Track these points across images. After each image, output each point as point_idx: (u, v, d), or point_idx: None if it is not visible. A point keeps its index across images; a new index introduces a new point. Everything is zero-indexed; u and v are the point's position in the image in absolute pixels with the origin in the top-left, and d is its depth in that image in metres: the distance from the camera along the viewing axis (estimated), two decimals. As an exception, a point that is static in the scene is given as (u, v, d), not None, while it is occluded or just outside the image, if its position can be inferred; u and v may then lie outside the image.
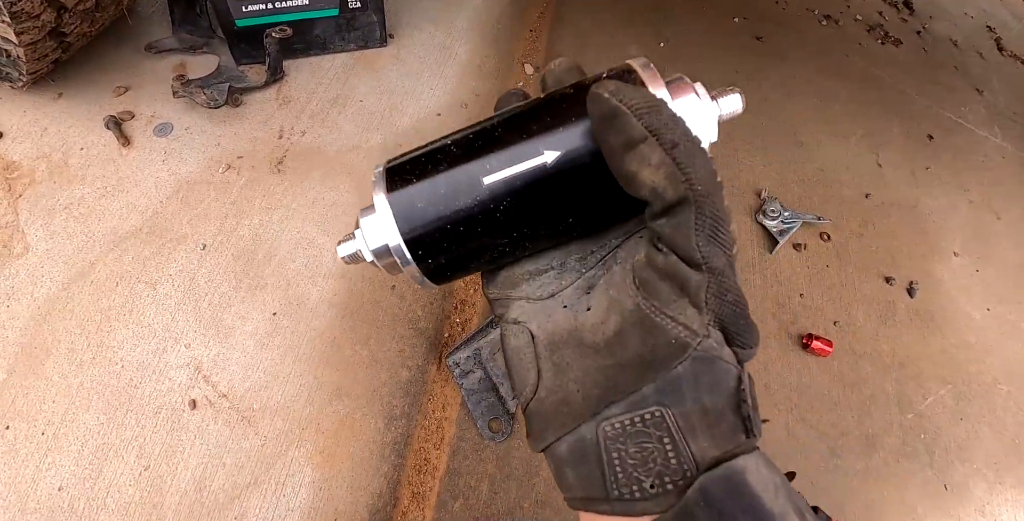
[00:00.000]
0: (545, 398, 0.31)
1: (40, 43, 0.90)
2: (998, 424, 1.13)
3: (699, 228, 0.26)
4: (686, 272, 0.27)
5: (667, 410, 0.27)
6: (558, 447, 0.30)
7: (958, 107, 1.67)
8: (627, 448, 0.27)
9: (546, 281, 0.34)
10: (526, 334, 0.33)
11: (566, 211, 0.31)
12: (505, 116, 0.33)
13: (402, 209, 0.32)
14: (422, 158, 0.33)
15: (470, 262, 0.34)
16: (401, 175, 0.33)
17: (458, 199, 0.31)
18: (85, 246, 0.89)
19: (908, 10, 1.93)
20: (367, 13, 1.17)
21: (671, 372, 0.27)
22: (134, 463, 0.74)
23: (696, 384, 0.27)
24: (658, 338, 0.27)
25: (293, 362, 0.85)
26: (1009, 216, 1.45)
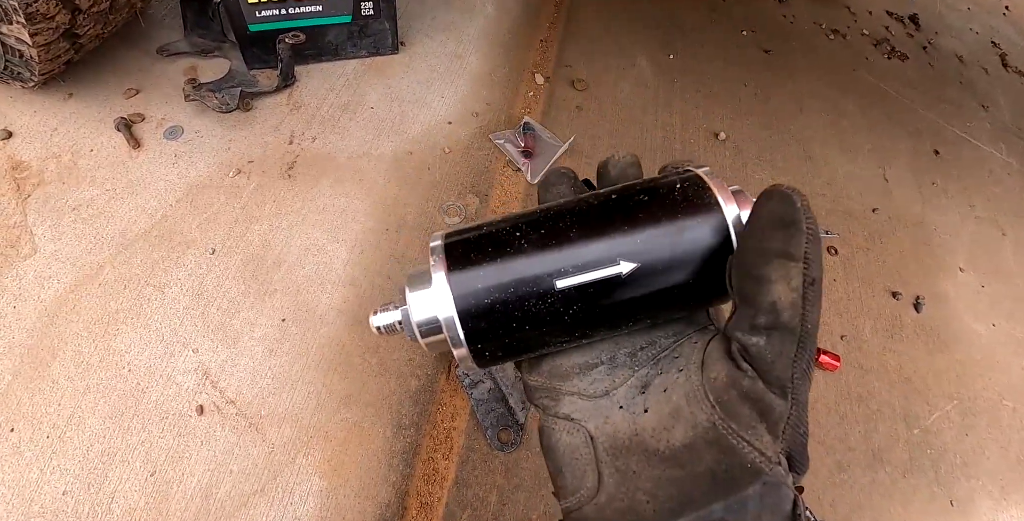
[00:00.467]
0: (607, 505, 0.30)
1: (53, 44, 0.90)
2: (1004, 440, 1.13)
3: (798, 362, 0.27)
4: (772, 400, 0.27)
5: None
6: None
7: (964, 122, 1.68)
8: None
9: (597, 376, 0.34)
10: (583, 433, 0.32)
11: (633, 315, 0.32)
12: (580, 212, 0.32)
13: (463, 291, 0.31)
14: (488, 243, 0.32)
15: (521, 353, 0.33)
16: (464, 254, 0.32)
17: (524, 293, 0.31)
18: (93, 248, 0.88)
19: (914, 25, 1.94)
20: (379, 21, 1.18)
21: (741, 493, 0.27)
22: (140, 468, 0.73)
23: (761, 505, 0.27)
24: (733, 459, 0.28)
25: (302, 369, 0.84)
26: (1015, 232, 1.46)
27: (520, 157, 1.12)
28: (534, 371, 0.35)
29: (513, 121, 1.21)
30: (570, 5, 1.54)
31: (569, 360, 0.34)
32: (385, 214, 1.02)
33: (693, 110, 1.37)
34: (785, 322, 0.27)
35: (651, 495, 0.29)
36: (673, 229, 0.30)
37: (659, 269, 0.30)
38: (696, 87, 1.43)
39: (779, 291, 0.27)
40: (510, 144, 1.14)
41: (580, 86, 1.31)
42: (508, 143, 1.14)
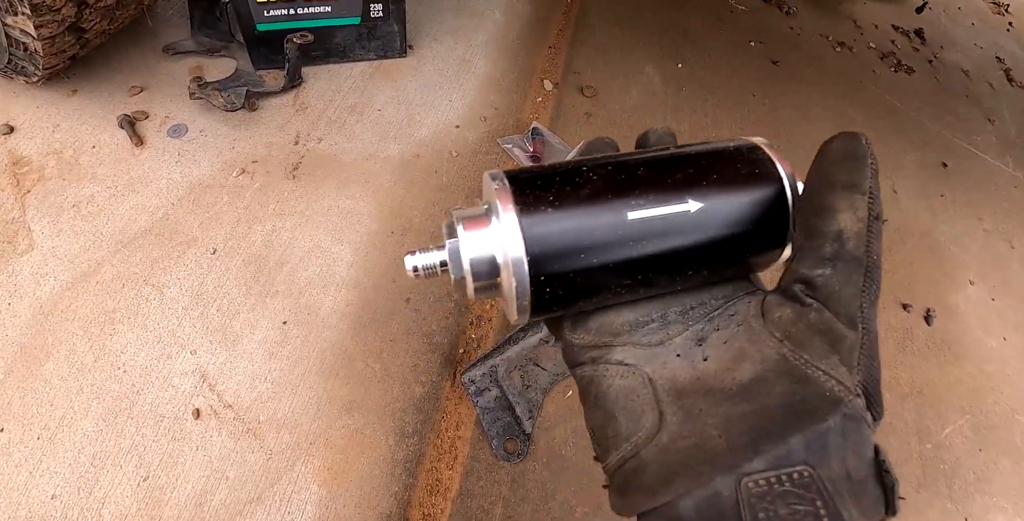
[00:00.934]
0: (670, 444, 0.27)
1: (58, 38, 0.89)
2: (1017, 455, 1.10)
3: (867, 291, 0.26)
4: (842, 330, 0.26)
5: (815, 471, 0.25)
6: (682, 503, 0.26)
7: (970, 136, 1.67)
8: (777, 509, 0.24)
9: (650, 331, 0.32)
10: (640, 376, 0.30)
11: (694, 260, 0.31)
12: (646, 158, 0.32)
13: (532, 225, 0.29)
14: (556, 177, 0.30)
15: (587, 296, 0.31)
16: (532, 189, 0.30)
17: (597, 227, 0.29)
18: (92, 246, 0.86)
19: (920, 39, 1.95)
20: (388, 23, 1.17)
21: (822, 425, 0.25)
22: (132, 473, 0.70)
23: (844, 444, 0.25)
24: (809, 389, 0.26)
25: (302, 373, 0.82)
26: (1022, 245, 1.44)
27: (528, 162, 1.11)
28: (579, 328, 0.33)
29: (521, 126, 1.19)
30: (579, 12, 1.54)
31: (620, 317, 0.33)
32: (390, 217, 1.00)
33: (701, 118, 1.37)
34: (851, 251, 0.26)
35: (722, 430, 0.26)
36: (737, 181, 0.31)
37: (722, 214, 0.30)
38: (704, 96, 1.43)
39: (846, 220, 0.27)
40: (518, 149, 1.13)
41: (589, 93, 1.31)
42: (516, 148, 1.13)
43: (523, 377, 0.86)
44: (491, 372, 0.85)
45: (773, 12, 1.80)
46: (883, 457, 0.26)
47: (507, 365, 0.86)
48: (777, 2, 1.82)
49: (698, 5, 1.70)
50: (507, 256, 0.29)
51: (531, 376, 0.86)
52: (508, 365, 0.86)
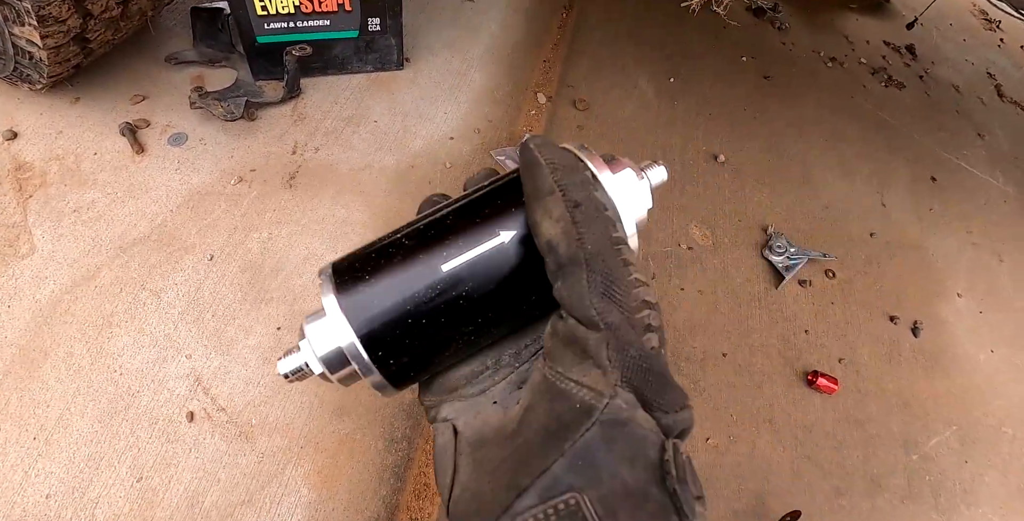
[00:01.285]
0: (459, 497, 0.27)
1: (63, 47, 0.92)
2: (1004, 467, 1.11)
3: (591, 286, 0.25)
4: (584, 333, 0.25)
5: (582, 496, 0.23)
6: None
7: (960, 150, 1.70)
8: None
9: (481, 381, 0.32)
10: (450, 431, 0.30)
11: (526, 288, 0.30)
12: (452, 206, 0.32)
13: (355, 308, 0.29)
14: (372, 254, 0.31)
15: (432, 356, 0.31)
16: (351, 274, 0.30)
17: (416, 289, 0.29)
18: (92, 250, 0.88)
19: (911, 55, 1.98)
20: (386, 36, 1.19)
21: (580, 441, 0.24)
22: (126, 474, 0.72)
23: (610, 454, 0.23)
24: (562, 404, 0.25)
25: (294, 378, 0.83)
26: (1012, 259, 1.46)
27: (521, 172, 1.13)
28: (427, 392, 0.33)
29: (514, 138, 1.22)
30: (574, 27, 1.57)
31: (458, 371, 0.33)
32: (384, 226, 1.02)
33: (693, 132, 1.39)
34: (565, 255, 0.26)
35: (492, 474, 0.26)
36: None
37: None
38: (697, 110, 1.45)
39: (547, 229, 0.26)
40: (511, 160, 1.15)
41: (581, 106, 1.33)
42: (509, 159, 1.15)
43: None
44: (480, 379, 0.87)
45: (766, 28, 1.83)
46: (668, 459, 0.23)
47: (496, 372, 0.88)
48: (770, 18, 1.85)
49: (692, 21, 1.73)
50: (341, 341, 0.29)
51: (519, 383, 0.88)
52: (497, 372, 0.88)
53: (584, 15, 1.62)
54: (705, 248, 1.18)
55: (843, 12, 2.08)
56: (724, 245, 1.20)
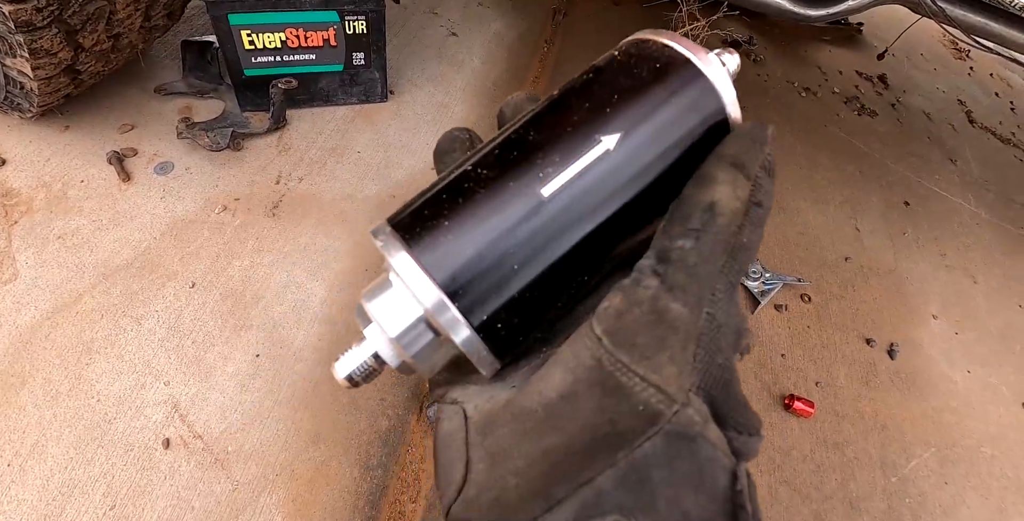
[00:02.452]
0: (474, 500, 0.22)
1: (54, 78, 0.95)
2: (983, 488, 1.12)
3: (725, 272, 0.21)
4: (678, 316, 0.20)
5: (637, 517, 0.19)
6: None
7: (932, 175, 1.75)
8: None
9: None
10: (460, 416, 0.24)
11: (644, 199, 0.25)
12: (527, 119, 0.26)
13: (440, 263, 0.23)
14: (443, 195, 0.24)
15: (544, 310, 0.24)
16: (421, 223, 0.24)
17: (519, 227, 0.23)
18: (74, 277, 0.89)
19: (883, 84, 2.05)
20: (370, 70, 1.24)
21: (637, 451, 0.19)
22: (99, 502, 0.72)
23: (672, 474, 0.19)
24: (620, 403, 0.19)
25: (272, 405, 0.84)
26: (986, 280, 1.49)
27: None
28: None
29: (496, 166, 1.25)
30: (555, 60, 1.62)
31: None
32: (366, 255, 1.04)
33: (671, 159, 1.43)
34: (721, 226, 0.21)
35: (521, 475, 0.21)
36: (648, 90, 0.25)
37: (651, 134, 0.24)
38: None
39: (723, 193, 0.22)
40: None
41: (562, 134, 1.37)
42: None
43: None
44: (456, 404, 0.87)
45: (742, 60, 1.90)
46: (741, 486, 0.19)
47: (472, 397, 0.88)
48: (745, 50, 1.92)
49: (670, 52, 1.80)
50: (427, 307, 0.23)
51: (496, 408, 0.88)
52: (473, 397, 0.88)
53: (565, 50, 1.68)
54: (682, 273, 1.20)
55: (817, 44, 2.16)
56: (701, 270, 1.22)
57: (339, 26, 1.14)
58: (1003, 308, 1.44)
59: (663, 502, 0.19)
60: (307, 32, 1.13)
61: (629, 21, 1.92)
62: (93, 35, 0.94)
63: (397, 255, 0.23)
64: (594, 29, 1.82)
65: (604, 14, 1.91)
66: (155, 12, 1.06)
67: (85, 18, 0.90)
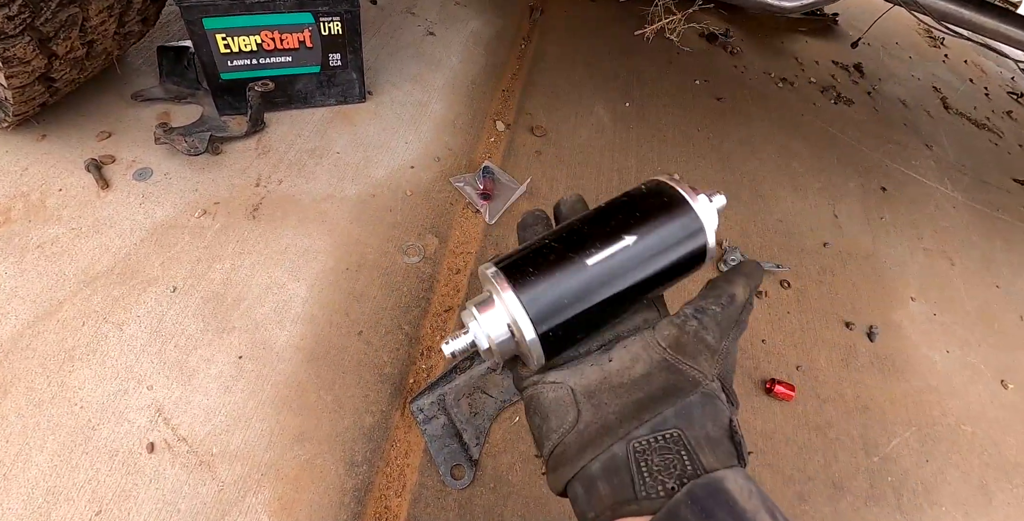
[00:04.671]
0: (585, 429, 0.38)
1: (29, 87, 0.95)
2: (964, 465, 1.14)
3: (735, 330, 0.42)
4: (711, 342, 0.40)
5: (683, 431, 0.36)
6: (592, 466, 0.37)
7: (909, 161, 1.77)
8: (652, 459, 0.35)
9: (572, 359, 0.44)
10: (565, 388, 0.41)
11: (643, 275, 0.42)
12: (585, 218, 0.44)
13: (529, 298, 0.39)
14: (531, 255, 0.41)
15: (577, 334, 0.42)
16: (518, 271, 0.41)
17: (572, 281, 0.40)
18: (54, 285, 0.89)
19: (859, 73, 2.07)
20: (347, 71, 1.24)
21: (687, 399, 0.37)
22: (85, 508, 0.72)
23: (703, 413, 0.37)
24: (679, 376, 0.39)
25: (256, 406, 0.85)
26: (963, 262, 1.52)
27: (479, 199, 1.17)
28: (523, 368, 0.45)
29: (474, 165, 1.26)
30: (532, 59, 1.63)
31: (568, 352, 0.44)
32: (346, 254, 1.04)
33: (648, 153, 1.44)
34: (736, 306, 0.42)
35: (617, 412, 0.38)
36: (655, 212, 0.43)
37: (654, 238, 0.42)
38: (651, 133, 1.51)
39: (739, 291, 0.43)
40: (469, 187, 1.19)
41: (539, 132, 1.38)
42: (467, 186, 1.19)
43: (471, 405, 0.89)
44: (439, 400, 0.88)
45: (718, 53, 1.92)
46: (735, 426, 0.38)
47: (455, 393, 0.89)
48: (722, 43, 1.93)
49: (646, 50, 1.81)
50: (517, 325, 0.39)
51: (479, 403, 0.89)
52: (456, 393, 0.89)
53: (542, 47, 1.69)
54: (662, 263, 1.22)
55: (793, 35, 2.18)
56: (681, 260, 1.24)
57: (314, 28, 1.15)
58: (980, 289, 1.47)
59: (698, 426, 0.37)
60: (282, 34, 1.14)
61: (606, 17, 1.93)
62: (67, 42, 0.94)
63: (506, 290, 0.40)
64: (571, 26, 1.84)
65: (581, 11, 1.92)
66: (129, 18, 1.06)
67: (58, 25, 0.90)
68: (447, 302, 1.03)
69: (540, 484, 0.86)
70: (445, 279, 1.06)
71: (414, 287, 1.03)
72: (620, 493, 0.35)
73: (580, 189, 1.28)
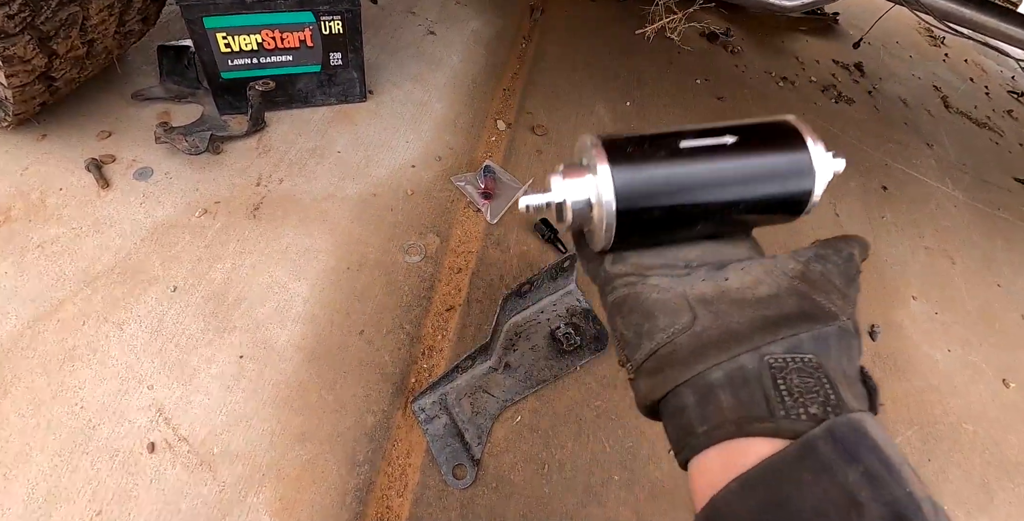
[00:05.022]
0: (702, 332, 0.35)
1: (29, 86, 0.94)
2: (966, 464, 1.14)
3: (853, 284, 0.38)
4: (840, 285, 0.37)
5: (822, 360, 0.33)
6: (711, 373, 0.34)
7: (910, 160, 1.77)
8: (792, 379, 0.32)
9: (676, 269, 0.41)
10: (673, 292, 0.38)
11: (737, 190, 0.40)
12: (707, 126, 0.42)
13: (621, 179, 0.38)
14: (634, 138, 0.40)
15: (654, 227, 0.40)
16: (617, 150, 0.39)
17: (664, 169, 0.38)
18: (55, 285, 0.89)
19: (860, 72, 2.07)
20: (348, 70, 1.24)
21: (825, 328, 0.34)
22: (85, 508, 0.72)
23: (839, 347, 0.34)
24: (815, 304, 0.35)
25: (257, 406, 0.84)
26: (964, 261, 1.51)
27: (480, 198, 1.17)
28: (618, 263, 0.42)
29: (475, 165, 1.26)
30: (534, 57, 1.63)
31: (651, 259, 0.41)
32: (347, 253, 1.04)
33: (650, 151, 1.44)
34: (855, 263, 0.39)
35: (746, 324, 0.35)
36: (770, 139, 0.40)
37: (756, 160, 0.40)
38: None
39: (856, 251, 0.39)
40: (470, 186, 1.18)
41: (540, 131, 1.38)
42: (469, 185, 1.19)
43: (472, 404, 0.89)
44: (441, 400, 0.88)
45: (719, 52, 1.92)
46: (867, 371, 0.35)
47: (457, 393, 0.89)
48: (723, 43, 1.93)
49: (647, 49, 1.81)
50: (600, 195, 0.38)
51: (480, 403, 0.89)
52: (458, 393, 0.89)
53: (542, 46, 1.69)
54: (663, 263, 1.22)
55: (793, 34, 2.18)
56: (682, 259, 1.24)
57: (315, 27, 1.14)
58: (981, 288, 1.46)
59: (834, 360, 0.33)
60: (283, 33, 1.13)
61: (606, 17, 1.93)
62: (67, 41, 0.94)
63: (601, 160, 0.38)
64: (571, 25, 1.83)
65: (581, 10, 1.92)
66: (129, 17, 1.06)
67: (58, 24, 0.89)
68: (448, 301, 1.03)
69: (542, 484, 0.86)
70: (446, 278, 1.06)
71: (415, 286, 1.03)
72: (750, 408, 0.31)
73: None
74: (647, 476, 0.90)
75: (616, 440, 0.92)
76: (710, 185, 0.39)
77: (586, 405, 0.95)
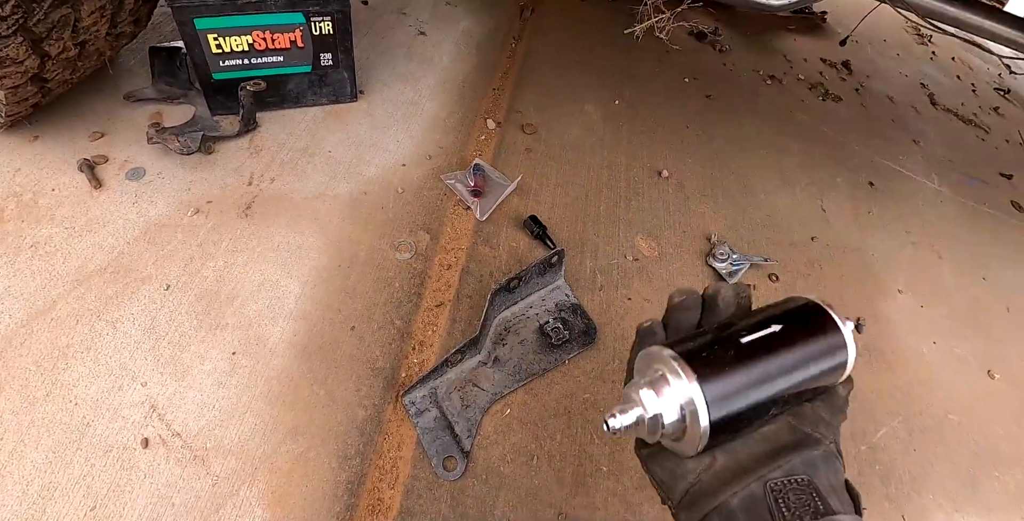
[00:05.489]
0: (720, 469, 0.45)
1: (21, 87, 0.95)
2: (952, 455, 1.15)
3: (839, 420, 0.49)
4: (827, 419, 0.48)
5: (812, 478, 0.42)
6: (731, 501, 0.43)
7: (897, 156, 1.79)
8: (789, 497, 0.41)
9: None
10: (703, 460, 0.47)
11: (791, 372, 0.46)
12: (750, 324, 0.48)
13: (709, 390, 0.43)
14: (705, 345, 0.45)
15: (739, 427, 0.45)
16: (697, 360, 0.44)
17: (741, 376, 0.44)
18: (48, 284, 0.90)
19: (847, 70, 2.09)
20: (338, 70, 1.25)
21: (812, 453, 0.44)
22: (80, 503, 0.73)
23: (826, 466, 0.44)
24: (804, 435, 0.46)
25: (250, 401, 0.86)
26: (950, 255, 1.53)
27: (470, 196, 1.18)
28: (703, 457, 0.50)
29: (465, 163, 1.27)
30: (524, 56, 1.65)
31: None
32: (338, 251, 1.06)
33: (638, 151, 1.46)
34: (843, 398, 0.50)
35: (751, 457, 0.45)
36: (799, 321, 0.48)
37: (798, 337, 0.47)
38: (641, 130, 1.52)
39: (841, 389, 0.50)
40: (460, 184, 1.20)
41: (529, 130, 1.39)
42: (458, 183, 1.20)
43: (462, 397, 0.90)
44: (431, 393, 0.90)
45: (707, 51, 1.94)
46: (851, 483, 0.45)
47: (447, 386, 0.91)
48: (711, 41, 1.95)
49: (637, 48, 1.83)
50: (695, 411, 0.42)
51: (470, 396, 0.91)
52: (448, 386, 0.91)
53: (533, 46, 1.71)
54: (651, 258, 1.23)
55: (781, 33, 2.20)
56: (669, 255, 1.25)
57: (305, 27, 1.16)
58: (968, 282, 1.48)
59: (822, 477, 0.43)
60: (274, 34, 1.15)
61: (596, 16, 1.94)
62: (59, 43, 0.95)
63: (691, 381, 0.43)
64: (561, 25, 1.85)
65: (571, 10, 1.94)
66: (121, 19, 1.07)
67: (50, 26, 0.90)
68: (439, 297, 1.04)
69: (531, 475, 0.87)
70: (436, 275, 1.08)
71: (406, 283, 1.04)
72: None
73: (570, 185, 1.30)
74: (635, 467, 0.91)
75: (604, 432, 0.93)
76: (776, 376, 0.45)
77: (574, 398, 0.96)
